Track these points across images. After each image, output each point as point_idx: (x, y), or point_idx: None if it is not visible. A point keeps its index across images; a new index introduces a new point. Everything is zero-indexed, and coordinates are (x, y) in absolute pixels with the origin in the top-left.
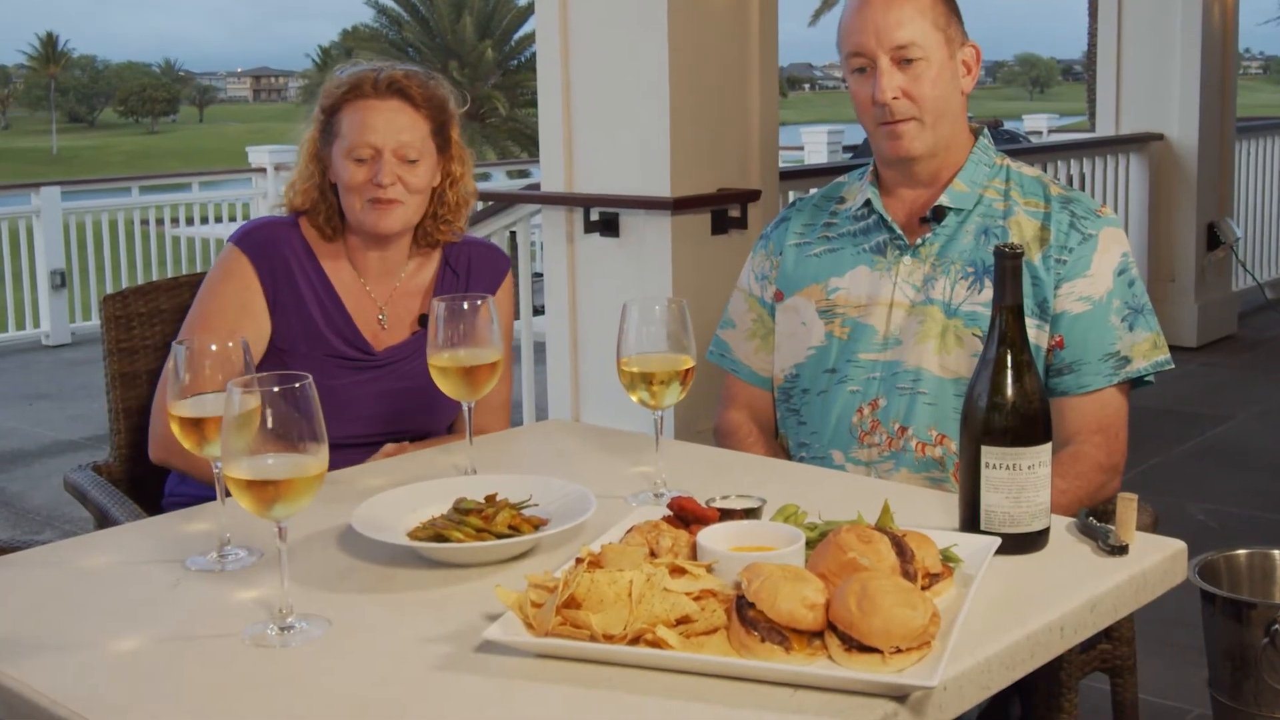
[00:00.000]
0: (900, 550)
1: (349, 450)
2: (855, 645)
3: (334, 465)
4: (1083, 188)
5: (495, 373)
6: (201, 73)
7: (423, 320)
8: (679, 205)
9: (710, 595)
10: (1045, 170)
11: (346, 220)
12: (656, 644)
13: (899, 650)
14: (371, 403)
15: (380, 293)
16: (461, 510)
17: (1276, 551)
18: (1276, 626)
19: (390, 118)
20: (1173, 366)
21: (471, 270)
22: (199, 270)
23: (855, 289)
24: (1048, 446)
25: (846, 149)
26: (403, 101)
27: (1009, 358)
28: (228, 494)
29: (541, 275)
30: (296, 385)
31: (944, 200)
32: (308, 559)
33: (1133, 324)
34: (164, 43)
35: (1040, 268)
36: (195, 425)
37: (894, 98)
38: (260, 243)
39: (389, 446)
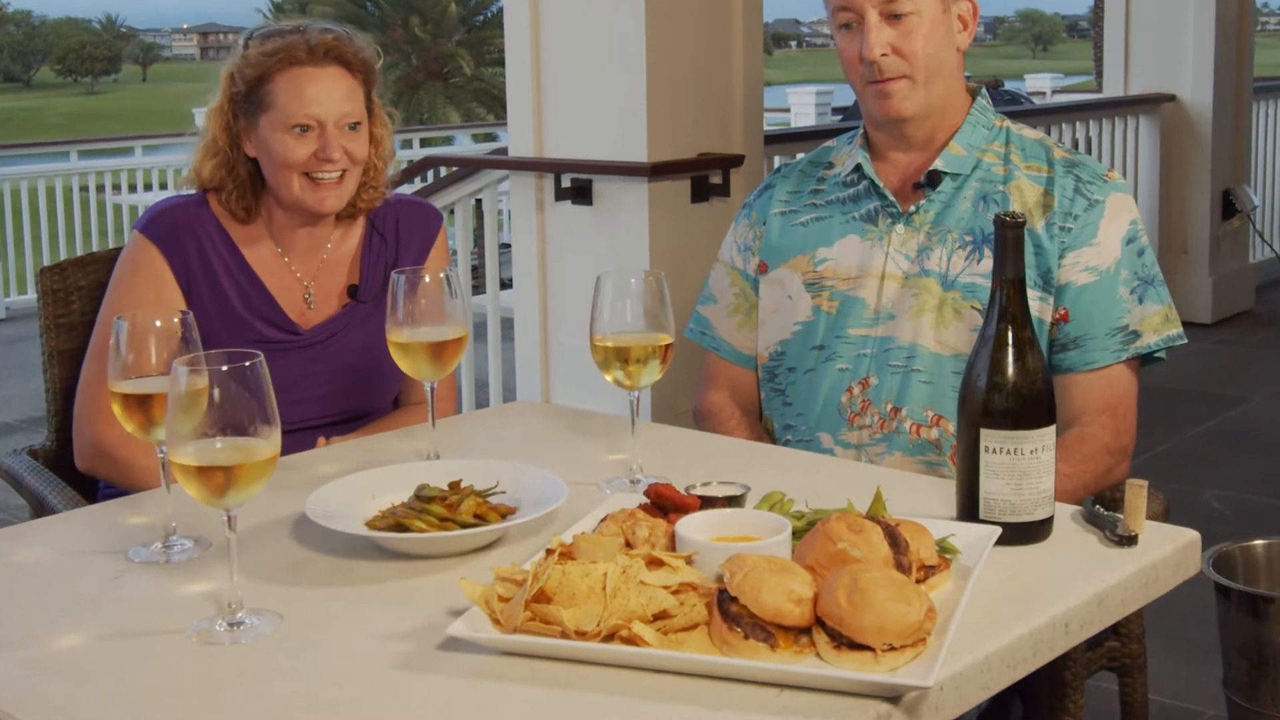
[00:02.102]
0: (893, 540)
1: (291, 436)
2: (845, 642)
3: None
4: (1089, 152)
5: (461, 349)
6: (145, 29)
7: (351, 291)
8: (656, 171)
9: (690, 589)
10: (1048, 133)
11: (271, 196)
12: (632, 641)
13: (892, 648)
14: (308, 385)
15: (305, 270)
16: (424, 498)
17: None
18: None
19: (331, 86)
20: (1185, 342)
21: (400, 231)
22: None
23: (844, 260)
24: (1052, 429)
25: (836, 111)
26: (341, 68)
27: (1010, 334)
28: (173, 480)
29: (509, 246)
30: (247, 364)
31: (939, 164)
32: (259, 550)
33: (1142, 296)
34: None
35: (1043, 236)
36: (140, 406)
37: (883, 55)
38: (168, 227)
39: (322, 442)
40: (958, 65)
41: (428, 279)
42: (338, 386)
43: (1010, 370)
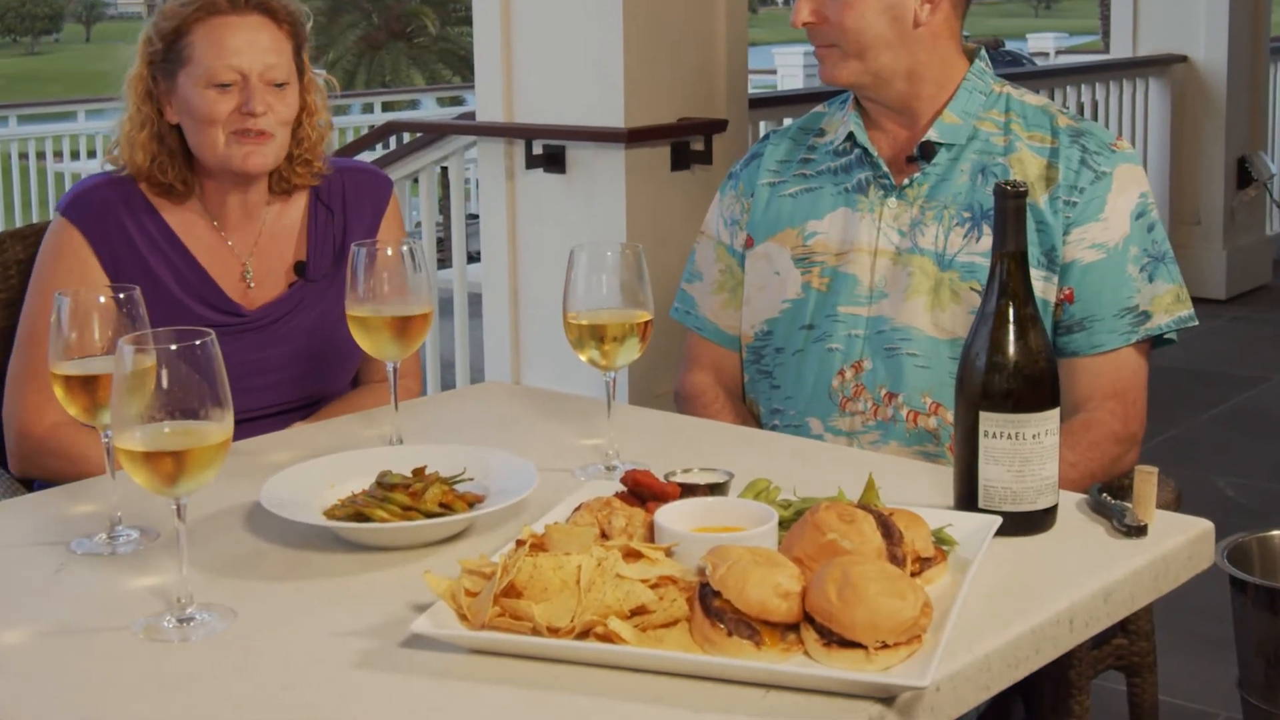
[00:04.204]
0: (887, 531)
1: (242, 426)
2: (835, 640)
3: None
4: (1095, 117)
5: (426, 326)
6: None
7: (299, 269)
8: (634, 137)
9: (670, 582)
10: (1052, 98)
11: (198, 163)
12: (608, 638)
13: (885, 645)
14: (257, 372)
15: (242, 245)
16: (386, 486)
17: None
18: None
19: (253, 37)
20: (1197, 323)
21: (348, 202)
22: None
23: (835, 234)
24: (1055, 412)
25: None
26: (264, 17)
27: (1011, 311)
28: (118, 467)
29: (477, 217)
30: (197, 343)
31: (932, 135)
32: (210, 541)
33: (1153, 274)
34: None
35: (1047, 211)
36: (84, 388)
37: (806, 22)
38: (91, 208)
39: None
40: (920, 37)
41: (389, 252)
42: (290, 372)
43: (1011, 349)
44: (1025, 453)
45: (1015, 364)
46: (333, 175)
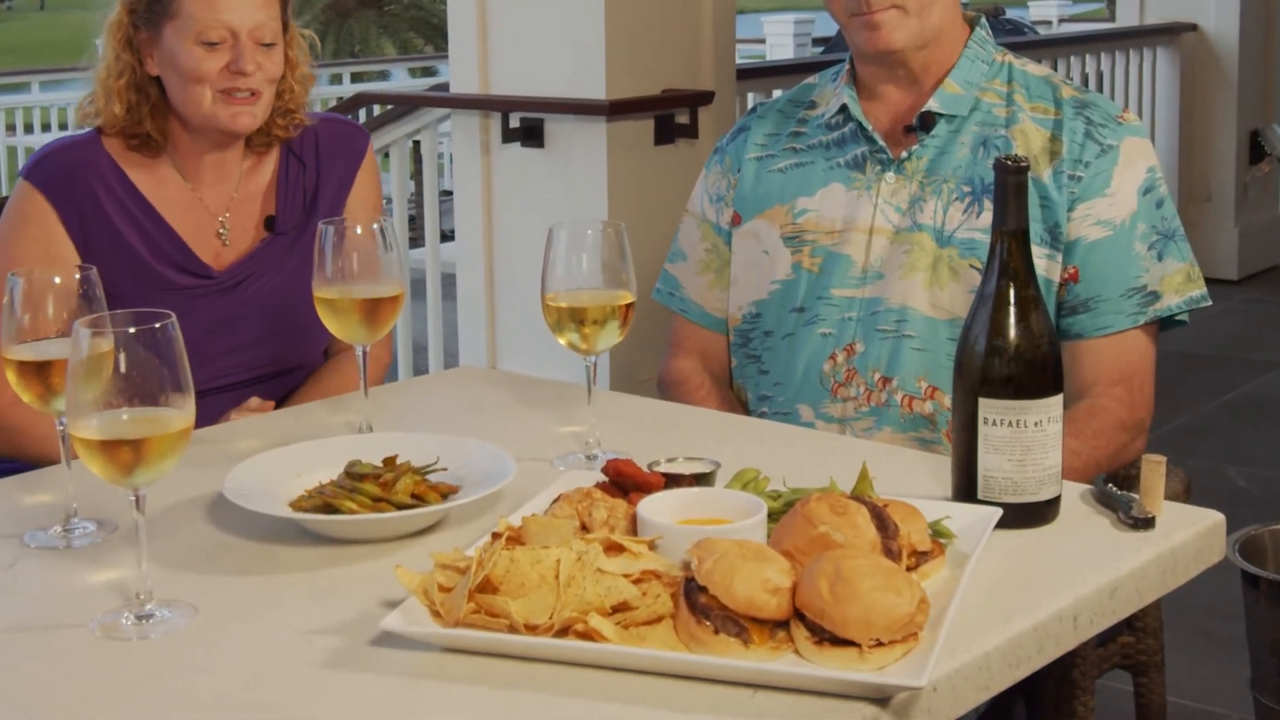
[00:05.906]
0: (881, 523)
1: (211, 397)
2: (827, 638)
3: (196, 418)
4: (1100, 89)
5: (397, 309)
6: None
7: (268, 223)
8: (616, 110)
9: (653, 577)
10: (1055, 68)
11: (176, 119)
12: (588, 636)
13: (880, 644)
14: (227, 334)
15: (217, 202)
16: (355, 476)
17: None
18: None
19: None
20: (1209, 304)
21: (321, 154)
22: None
23: (828, 211)
24: (1058, 399)
25: (817, 42)
26: None
27: (1012, 292)
28: (74, 456)
29: (451, 194)
30: (157, 325)
31: (933, 105)
32: (170, 534)
33: (1162, 252)
34: None
35: (1050, 186)
36: (38, 374)
37: None
38: (57, 173)
39: (254, 401)
40: None
41: (359, 231)
42: (260, 334)
43: (1012, 332)
44: (1027, 441)
45: (1016, 348)
46: (305, 126)
